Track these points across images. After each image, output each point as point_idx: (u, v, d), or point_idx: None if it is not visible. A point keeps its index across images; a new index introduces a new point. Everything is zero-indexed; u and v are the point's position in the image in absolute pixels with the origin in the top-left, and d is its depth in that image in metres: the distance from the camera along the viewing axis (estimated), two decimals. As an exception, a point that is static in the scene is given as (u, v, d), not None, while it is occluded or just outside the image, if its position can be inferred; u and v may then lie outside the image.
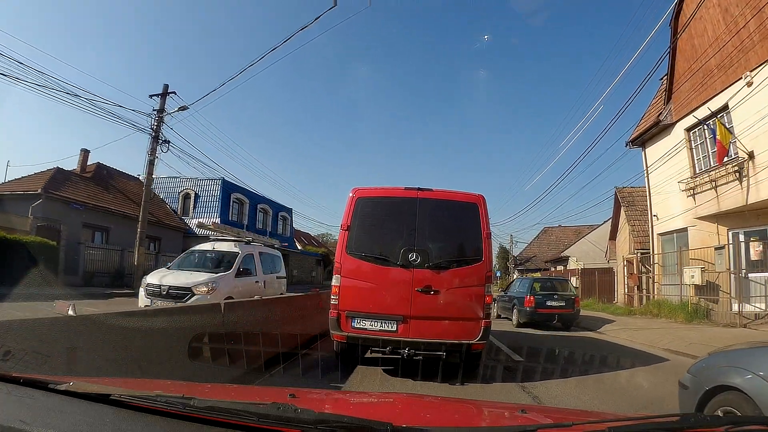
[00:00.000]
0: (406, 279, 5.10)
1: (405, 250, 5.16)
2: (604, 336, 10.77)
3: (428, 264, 5.14)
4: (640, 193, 18.35)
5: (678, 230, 13.87)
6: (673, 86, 14.40)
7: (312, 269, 40.13)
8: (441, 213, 5.44)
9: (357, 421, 1.06)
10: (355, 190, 5.48)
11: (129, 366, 3.19)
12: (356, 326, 5.13)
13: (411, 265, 5.13)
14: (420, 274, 5.11)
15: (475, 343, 5.04)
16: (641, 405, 4.62)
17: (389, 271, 5.18)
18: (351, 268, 5.26)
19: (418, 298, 5.06)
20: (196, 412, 1.11)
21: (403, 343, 4.96)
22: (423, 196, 5.37)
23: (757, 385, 2.46)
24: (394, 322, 5.06)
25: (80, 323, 2.94)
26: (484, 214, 5.37)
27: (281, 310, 6.27)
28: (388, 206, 5.53)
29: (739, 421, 1.41)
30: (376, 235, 5.44)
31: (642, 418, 1.31)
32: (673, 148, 13.94)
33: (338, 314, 5.16)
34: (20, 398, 1.23)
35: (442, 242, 5.42)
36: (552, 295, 12.15)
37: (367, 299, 5.18)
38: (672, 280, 14.01)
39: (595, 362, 6.41)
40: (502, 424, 1.55)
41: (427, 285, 5.08)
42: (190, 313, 4.30)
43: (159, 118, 18.09)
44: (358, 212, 5.38)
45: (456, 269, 5.22)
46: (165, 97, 18.64)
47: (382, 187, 5.64)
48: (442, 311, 5.10)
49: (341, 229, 5.41)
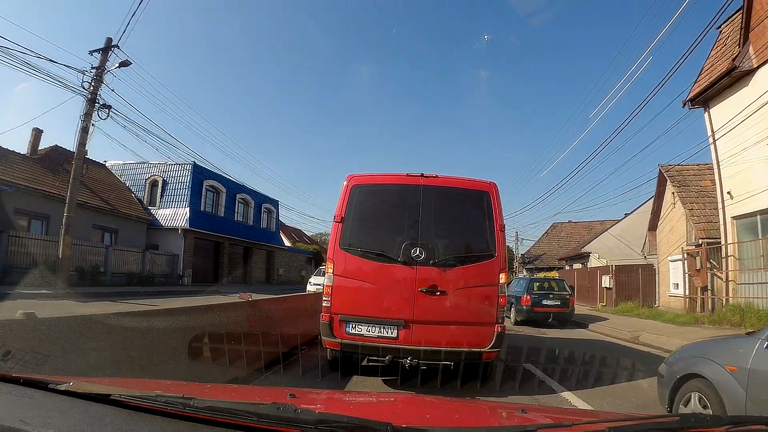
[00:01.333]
0: (408, 278, 4.73)
1: (407, 245, 4.78)
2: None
3: (433, 261, 4.77)
4: (691, 171, 14.90)
5: (763, 211, 10.42)
6: (750, 23, 11.01)
7: (301, 268, 36.62)
8: (448, 202, 5.08)
9: (357, 421, 1.08)
10: (351, 177, 5.11)
11: (129, 366, 3.20)
12: (351, 332, 4.76)
13: (414, 262, 4.75)
14: (424, 272, 4.74)
15: (487, 351, 4.61)
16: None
17: (389, 268, 4.80)
18: (345, 265, 4.87)
19: (422, 299, 4.68)
20: (196, 412, 1.12)
21: (405, 351, 4.57)
22: (427, 184, 4.99)
23: (717, 372, 2.86)
24: (394, 327, 4.70)
25: (80, 323, 2.98)
26: (497, 203, 4.98)
27: (282, 309, 6.11)
28: (388, 195, 5.18)
29: (739, 421, 1.31)
30: (374, 227, 5.08)
31: (642, 418, 1.45)
32: (756, 101, 10.47)
33: (330, 318, 4.78)
34: (20, 398, 1.25)
35: (449, 236, 5.01)
36: (548, 295, 12.55)
37: (363, 301, 4.80)
38: (754, 277, 10.55)
39: None
40: (502, 424, 1.55)
41: (432, 285, 4.70)
42: (190, 313, 4.30)
43: (97, 76, 14.62)
44: (353, 202, 4.99)
45: (465, 267, 4.86)
46: (107, 52, 15.19)
47: (381, 173, 5.29)
48: (450, 315, 4.72)
49: (334, 221, 5.00)
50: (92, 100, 14.50)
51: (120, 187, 23.96)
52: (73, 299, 11.73)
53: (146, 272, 19.96)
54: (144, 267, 20.25)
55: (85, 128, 14.24)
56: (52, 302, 10.76)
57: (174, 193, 23.86)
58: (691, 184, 14.25)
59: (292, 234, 43.70)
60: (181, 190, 23.73)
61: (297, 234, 45.55)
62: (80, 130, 14.22)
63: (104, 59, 15.11)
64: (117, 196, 22.27)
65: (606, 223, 32.62)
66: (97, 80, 14.74)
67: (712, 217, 12.80)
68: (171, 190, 24.06)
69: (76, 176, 13.90)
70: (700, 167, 15.13)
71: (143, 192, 24.38)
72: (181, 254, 22.54)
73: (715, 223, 12.41)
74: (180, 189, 23.78)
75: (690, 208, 13.10)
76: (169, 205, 23.65)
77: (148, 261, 20.54)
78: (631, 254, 23.35)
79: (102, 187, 22.03)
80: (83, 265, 16.78)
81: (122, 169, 25.35)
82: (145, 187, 24.53)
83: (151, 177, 24.67)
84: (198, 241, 24.00)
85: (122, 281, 18.20)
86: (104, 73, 15.01)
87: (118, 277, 18.33)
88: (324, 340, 4.81)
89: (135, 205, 23.20)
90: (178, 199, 23.58)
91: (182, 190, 23.69)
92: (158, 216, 23.40)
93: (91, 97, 14.49)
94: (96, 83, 14.65)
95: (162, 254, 22.04)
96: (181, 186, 23.79)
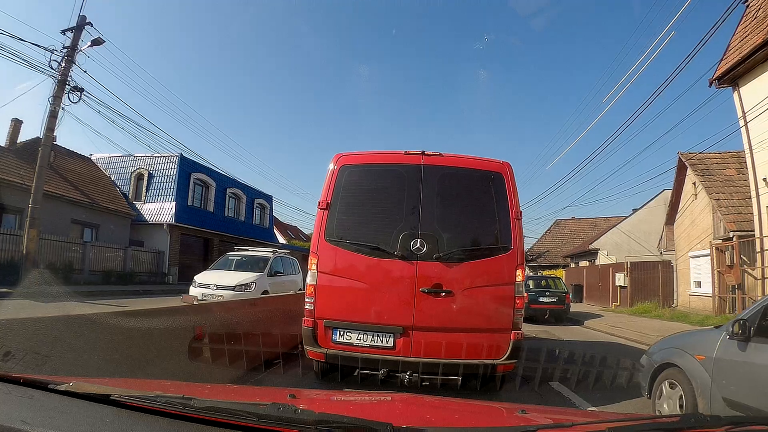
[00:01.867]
0: (407, 275, 4.06)
1: (405, 236, 4.11)
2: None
3: (437, 255, 4.08)
4: (714, 159, 13.74)
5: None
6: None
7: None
8: (454, 185, 4.36)
9: (357, 422, 1.07)
10: (339, 156, 4.42)
11: (129, 366, 3.17)
12: (338, 340, 4.09)
13: (414, 257, 4.08)
14: (426, 268, 4.06)
15: (502, 363, 3.92)
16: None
17: (384, 264, 4.14)
18: (332, 260, 4.20)
19: (424, 301, 4.02)
20: (196, 412, 1.12)
21: (403, 364, 3.90)
22: (430, 163, 4.31)
23: (689, 361, 3.25)
24: (390, 335, 4.03)
25: (80, 323, 2.94)
26: (512, 186, 4.26)
27: (249, 315, 5.29)
28: (383, 177, 4.44)
29: (740, 421, 1.31)
30: (366, 215, 4.39)
31: (642, 418, 1.48)
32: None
33: (314, 324, 4.12)
34: (20, 398, 1.25)
35: (455, 225, 4.29)
36: (544, 292, 12.88)
37: (353, 304, 4.13)
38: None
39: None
40: (502, 424, 1.56)
41: (436, 284, 4.03)
42: (190, 313, 4.09)
43: (68, 56, 13.41)
44: (341, 185, 4.30)
45: (475, 262, 4.16)
46: (81, 31, 14.01)
47: (374, 151, 4.59)
48: (457, 320, 4.02)
49: (319, 208, 4.29)
50: (62, 82, 13.29)
51: (104, 180, 22.71)
52: (34, 299, 10.61)
53: (127, 270, 18.75)
54: (126, 264, 19.05)
55: (54, 112, 13.03)
56: (7, 302, 9.68)
57: (160, 186, 22.63)
58: (715, 172, 13.10)
59: (288, 231, 42.52)
60: (167, 183, 22.50)
61: (293, 231, 44.34)
62: (48, 115, 13.00)
63: (77, 38, 13.92)
64: (99, 190, 21.03)
65: (611, 219, 31.68)
66: (69, 60, 13.52)
67: (741, 207, 11.66)
68: (157, 183, 22.83)
69: (42, 164, 12.72)
70: (723, 155, 14.01)
71: (128, 186, 23.18)
72: (167, 251, 21.31)
73: (745, 214, 11.27)
74: (166, 182, 22.54)
75: (716, 198, 11.94)
76: (154, 199, 22.42)
77: (130, 258, 19.33)
78: (641, 250, 22.35)
79: (83, 180, 20.81)
80: (56, 261, 15.56)
81: (108, 163, 24.10)
82: (130, 180, 23.32)
83: (137, 170, 23.44)
84: (185, 238, 22.77)
85: (99, 279, 16.99)
86: (76, 52, 13.81)
87: (96, 276, 17.12)
88: (307, 350, 4.18)
89: (118, 199, 21.96)
90: (164, 192, 22.35)
91: (168, 184, 22.45)
92: (143, 211, 22.19)
93: (61, 78, 13.29)
94: (67, 63, 13.44)
95: (146, 251, 20.83)
96: (168, 179, 22.55)
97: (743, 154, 13.59)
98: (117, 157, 24.06)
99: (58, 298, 11.38)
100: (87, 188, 20.37)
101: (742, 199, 11.86)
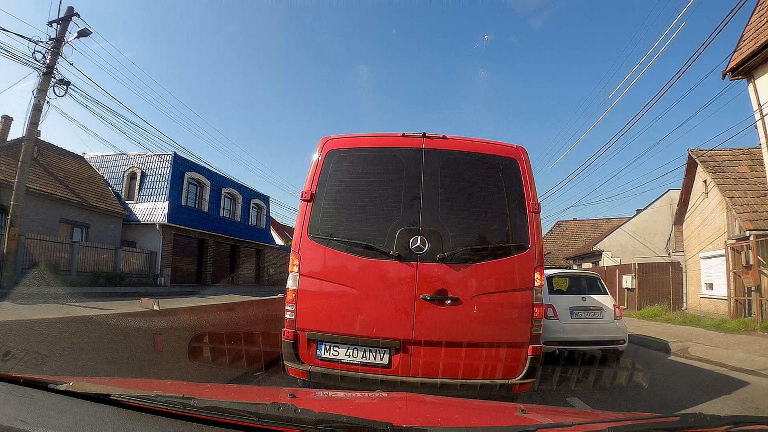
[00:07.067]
0: (406, 279, 3.43)
1: (403, 233, 3.48)
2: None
3: (441, 255, 3.44)
4: (725, 156, 13.22)
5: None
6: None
7: (294, 268, 34.82)
8: (461, 173, 3.73)
9: (357, 421, 1.07)
10: (326, 140, 3.81)
11: (129, 366, 3.15)
12: (324, 356, 3.44)
13: (414, 257, 3.45)
14: (428, 271, 3.43)
15: (518, 383, 3.28)
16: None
17: (378, 266, 3.49)
18: (316, 261, 3.59)
19: (426, 311, 3.38)
20: (196, 412, 1.12)
21: (402, 385, 3.29)
22: (432, 147, 3.68)
23: None
24: (385, 350, 3.40)
25: (80, 323, 2.93)
26: (528, 175, 3.67)
27: (226, 323, 4.99)
28: (377, 163, 3.80)
29: (739, 420, 1.28)
30: (356, 208, 3.74)
31: (642, 417, 1.38)
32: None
33: (295, 336, 3.47)
34: (20, 398, 1.24)
35: (462, 220, 3.65)
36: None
37: (341, 313, 3.48)
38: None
39: None
40: (502, 424, 1.52)
41: (439, 289, 3.41)
42: (192, 312, 4.12)
43: (54, 47, 12.88)
44: (328, 173, 3.70)
45: (486, 263, 3.51)
46: (68, 22, 13.50)
47: (366, 134, 3.96)
48: (465, 333, 3.37)
49: (301, 199, 3.67)
50: (48, 74, 12.76)
51: (95, 179, 22.15)
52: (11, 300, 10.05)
53: (117, 271, 18.17)
54: (116, 265, 18.47)
55: (38, 105, 12.50)
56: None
57: (153, 185, 22.08)
58: (727, 170, 12.58)
59: (285, 232, 41.93)
60: (160, 182, 21.96)
61: (291, 232, 43.78)
62: (32, 108, 12.46)
63: (64, 29, 13.40)
64: (90, 189, 20.47)
65: (613, 221, 31.17)
66: (55, 52, 13.00)
67: (757, 206, 11.13)
68: (150, 182, 22.29)
69: (25, 159, 12.21)
70: (734, 152, 13.49)
71: (121, 185, 22.63)
72: (159, 252, 20.74)
73: (761, 213, 10.73)
74: (159, 181, 22.01)
75: (730, 197, 11.41)
76: (147, 198, 21.88)
77: (121, 259, 18.76)
78: (646, 252, 21.86)
79: (74, 178, 20.27)
80: (41, 262, 14.99)
81: (101, 162, 23.57)
82: (123, 180, 22.77)
83: (130, 169, 22.91)
84: (178, 238, 22.20)
85: (86, 281, 16.41)
86: (63, 44, 13.29)
87: (84, 277, 16.54)
88: (287, 367, 3.55)
89: (110, 198, 21.39)
90: (156, 192, 21.81)
91: (161, 183, 21.92)
92: (135, 211, 21.64)
93: (47, 70, 12.76)
94: (53, 55, 12.92)
95: (137, 252, 20.26)
96: (161, 178, 22.02)
97: (755, 150, 13.12)
98: (110, 156, 23.56)
99: (38, 299, 10.83)
100: (78, 187, 19.83)
101: (757, 197, 11.34)
